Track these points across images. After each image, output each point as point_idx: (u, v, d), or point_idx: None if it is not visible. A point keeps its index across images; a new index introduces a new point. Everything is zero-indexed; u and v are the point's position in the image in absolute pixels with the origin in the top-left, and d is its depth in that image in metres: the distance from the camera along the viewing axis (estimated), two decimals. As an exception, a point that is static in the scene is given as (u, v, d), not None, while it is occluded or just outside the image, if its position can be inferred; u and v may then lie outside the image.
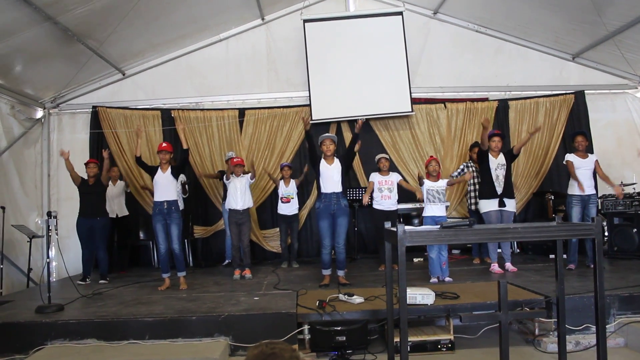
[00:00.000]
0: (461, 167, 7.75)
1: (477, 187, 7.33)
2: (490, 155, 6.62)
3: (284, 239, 8.14)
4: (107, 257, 7.17)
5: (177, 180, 6.57)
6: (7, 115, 7.91)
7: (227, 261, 8.33)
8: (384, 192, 7.10)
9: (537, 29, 8.74)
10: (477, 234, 3.56)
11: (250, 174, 7.14)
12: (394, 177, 7.20)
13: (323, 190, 6.10)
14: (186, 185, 8.18)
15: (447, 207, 6.53)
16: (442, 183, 6.40)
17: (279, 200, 8.00)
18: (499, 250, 6.96)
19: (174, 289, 6.17)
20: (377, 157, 7.32)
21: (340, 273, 6.19)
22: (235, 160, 7.25)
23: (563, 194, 7.40)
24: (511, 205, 6.64)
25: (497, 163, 6.58)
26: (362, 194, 8.31)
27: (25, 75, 7.83)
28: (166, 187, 6.35)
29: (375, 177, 7.18)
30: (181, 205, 7.59)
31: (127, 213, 8.16)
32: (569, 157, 6.76)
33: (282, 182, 8.02)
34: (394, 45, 8.75)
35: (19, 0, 5.86)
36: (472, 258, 7.77)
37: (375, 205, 7.18)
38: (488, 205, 6.61)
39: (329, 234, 6.10)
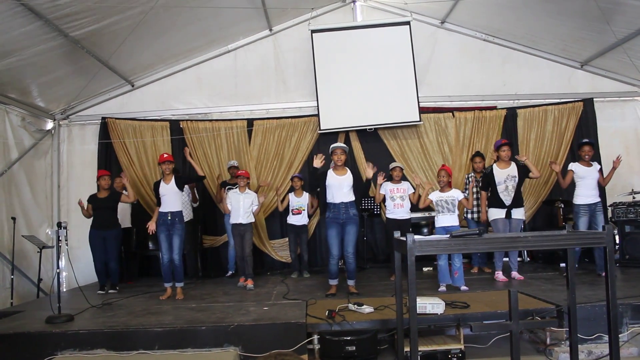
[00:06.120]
0: (465, 181, 7.75)
1: (478, 196, 7.26)
2: (496, 168, 6.65)
3: (293, 249, 8.12)
4: (118, 267, 7.19)
5: (182, 191, 6.59)
6: (18, 127, 8.01)
7: (230, 272, 8.30)
8: (396, 201, 7.03)
9: (545, 37, 8.72)
10: (486, 243, 3.55)
11: (258, 198, 7.19)
12: (406, 186, 7.15)
13: (331, 200, 6.07)
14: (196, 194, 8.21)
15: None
16: (452, 193, 6.37)
17: (290, 212, 8.00)
18: (506, 259, 6.92)
19: (182, 300, 6.18)
20: (392, 165, 7.34)
21: (350, 282, 6.15)
22: (239, 172, 7.33)
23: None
24: (519, 213, 6.61)
25: (506, 174, 6.56)
26: (370, 204, 8.35)
27: (36, 88, 7.90)
28: (171, 198, 6.40)
29: (387, 186, 7.13)
30: (188, 216, 7.62)
31: (129, 225, 8.20)
32: (572, 166, 6.77)
33: (292, 194, 8.05)
34: (402, 55, 8.75)
35: (30, 14, 5.92)
36: (471, 267, 7.67)
37: (388, 215, 7.12)
38: (496, 214, 6.61)
39: (336, 243, 6.05)
